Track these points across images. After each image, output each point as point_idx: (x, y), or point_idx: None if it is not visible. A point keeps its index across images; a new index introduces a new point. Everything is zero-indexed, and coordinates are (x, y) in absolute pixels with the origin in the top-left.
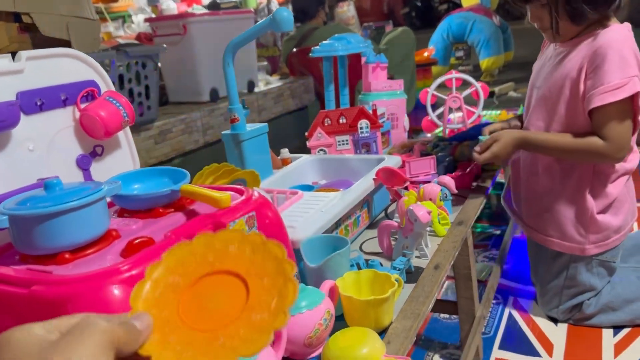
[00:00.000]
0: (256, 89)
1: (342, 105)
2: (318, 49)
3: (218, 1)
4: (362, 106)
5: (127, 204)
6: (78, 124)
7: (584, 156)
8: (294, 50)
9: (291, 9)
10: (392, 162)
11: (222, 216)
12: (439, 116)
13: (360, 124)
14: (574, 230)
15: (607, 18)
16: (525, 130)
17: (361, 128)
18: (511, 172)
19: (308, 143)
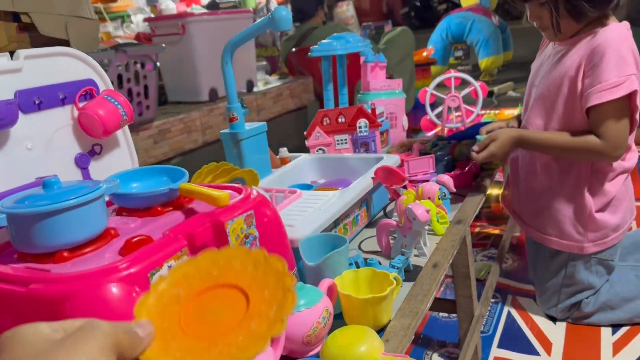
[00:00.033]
0: (255, 89)
1: (341, 104)
2: (317, 48)
3: (217, 1)
4: (361, 105)
5: (126, 203)
6: (76, 123)
7: (581, 154)
8: (293, 50)
9: (290, 9)
10: (391, 161)
11: (221, 215)
12: (438, 115)
13: (359, 123)
14: (573, 228)
15: (606, 17)
16: (523, 128)
17: (360, 127)
18: (509, 171)
19: (307, 142)
